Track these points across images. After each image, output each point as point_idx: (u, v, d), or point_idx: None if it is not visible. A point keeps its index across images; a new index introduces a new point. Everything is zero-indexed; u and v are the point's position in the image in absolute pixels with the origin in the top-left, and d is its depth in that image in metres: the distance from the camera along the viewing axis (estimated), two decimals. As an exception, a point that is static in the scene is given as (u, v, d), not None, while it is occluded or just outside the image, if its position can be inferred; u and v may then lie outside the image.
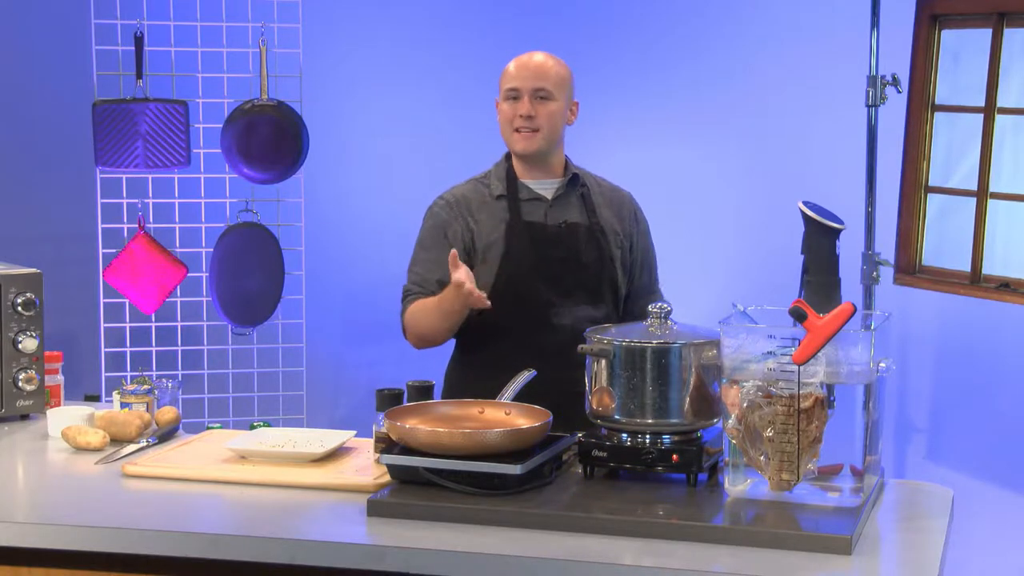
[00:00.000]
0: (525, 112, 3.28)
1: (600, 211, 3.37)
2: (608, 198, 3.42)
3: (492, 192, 3.34)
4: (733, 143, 4.71)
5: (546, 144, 3.30)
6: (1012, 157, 3.93)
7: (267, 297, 4.65)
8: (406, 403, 2.67)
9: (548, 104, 3.29)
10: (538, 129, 3.28)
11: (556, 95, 3.29)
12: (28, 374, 3.17)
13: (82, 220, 4.73)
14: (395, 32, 5.00)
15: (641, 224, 3.48)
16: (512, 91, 3.30)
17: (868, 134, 4.05)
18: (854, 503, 2.38)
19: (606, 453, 2.54)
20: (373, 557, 2.26)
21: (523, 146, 3.30)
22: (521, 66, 3.31)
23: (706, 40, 4.72)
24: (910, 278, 4.11)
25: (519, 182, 3.34)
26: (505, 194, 3.32)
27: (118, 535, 2.35)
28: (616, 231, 3.38)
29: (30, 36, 4.98)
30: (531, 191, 3.34)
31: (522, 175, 3.35)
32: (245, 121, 4.57)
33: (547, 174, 3.36)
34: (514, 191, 3.33)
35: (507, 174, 3.35)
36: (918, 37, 4.06)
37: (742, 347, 2.42)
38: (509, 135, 3.32)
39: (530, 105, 3.27)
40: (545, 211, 3.33)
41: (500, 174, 3.36)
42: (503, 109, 3.32)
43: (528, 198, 3.33)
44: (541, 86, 3.28)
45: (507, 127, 3.32)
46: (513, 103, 3.30)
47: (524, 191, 3.34)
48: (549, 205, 3.34)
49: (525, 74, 3.30)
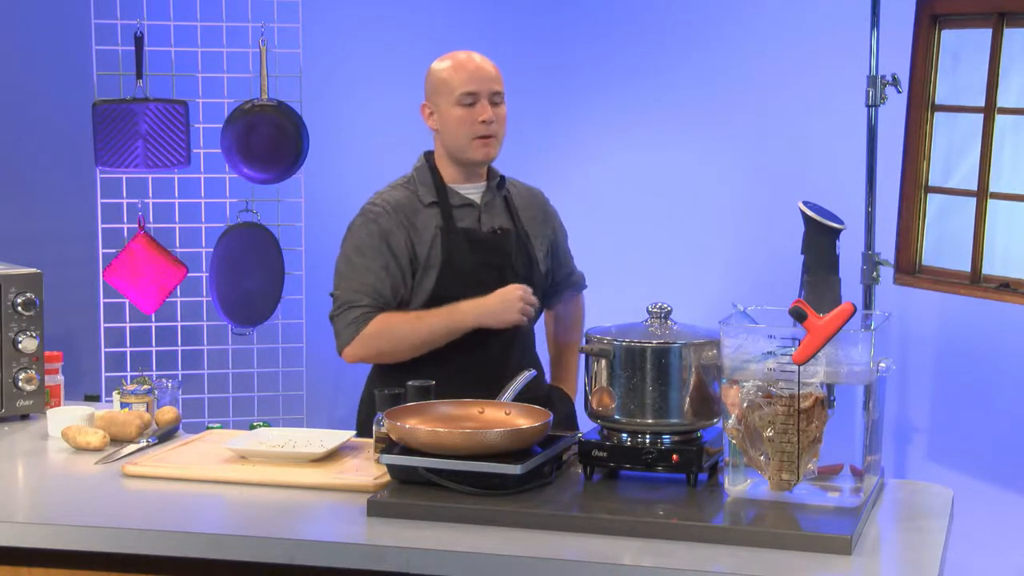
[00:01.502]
0: (488, 117, 3.16)
1: (522, 215, 3.31)
2: (526, 200, 3.36)
3: (422, 199, 3.22)
4: (733, 143, 4.71)
5: (499, 150, 3.23)
6: (1012, 157, 3.93)
7: (267, 297, 4.65)
8: (406, 403, 2.67)
9: (500, 108, 3.21)
10: (494, 135, 3.19)
11: (503, 99, 3.23)
12: (28, 374, 3.17)
13: (82, 220, 4.73)
14: (395, 32, 5.00)
15: (554, 220, 3.42)
16: (470, 95, 3.17)
17: (868, 134, 4.05)
18: (854, 503, 2.38)
19: (606, 453, 2.54)
20: (373, 557, 2.26)
21: (484, 154, 3.19)
22: (475, 69, 3.19)
23: (706, 40, 4.72)
24: (910, 278, 4.11)
25: (448, 187, 3.23)
26: (436, 200, 3.21)
27: (118, 535, 2.35)
28: (536, 234, 3.33)
29: (30, 36, 4.98)
30: (461, 196, 3.24)
31: (450, 180, 3.24)
32: (245, 121, 4.58)
33: (475, 178, 3.27)
34: (444, 197, 3.22)
35: (433, 179, 3.24)
36: (918, 37, 4.06)
37: (742, 347, 2.42)
38: (466, 142, 3.19)
39: (490, 110, 3.17)
40: (478, 216, 3.24)
41: (425, 179, 3.24)
42: (456, 115, 3.18)
43: (459, 204, 3.23)
44: (497, 89, 3.20)
45: (464, 134, 3.18)
46: (469, 109, 3.17)
47: (454, 196, 3.23)
48: (481, 211, 3.26)
49: (482, 76, 3.19)
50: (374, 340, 3.13)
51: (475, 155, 3.20)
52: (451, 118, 3.20)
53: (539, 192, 3.43)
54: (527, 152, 4.80)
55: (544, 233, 3.36)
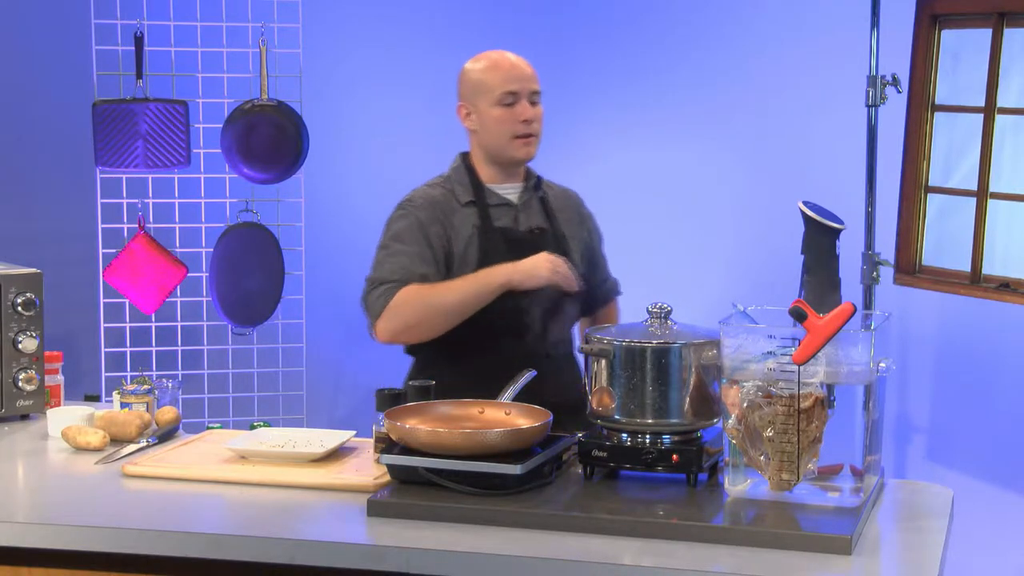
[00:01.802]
0: (528, 116, 3.19)
1: (558, 216, 3.32)
2: (561, 202, 3.36)
3: (459, 198, 3.23)
4: (733, 143, 4.71)
5: (537, 148, 3.25)
6: (1012, 157, 3.93)
7: (267, 297, 4.65)
8: (406, 403, 2.67)
9: (539, 107, 3.23)
10: (535, 134, 3.22)
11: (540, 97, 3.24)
12: (28, 374, 3.17)
13: (82, 220, 4.73)
14: (395, 32, 5.00)
15: (589, 222, 3.43)
16: (510, 95, 3.19)
17: (868, 134, 4.05)
18: (854, 503, 2.38)
19: (606, 453, 2.54)
20: (373, 557, 2.26)
21: (525, 152, 3.22)
22: (512, 68, 3.22)
23: (706, 40, 4.72)
24: (910, 278, 4.11)
25: (485, 187, 3.25)
26: (473, 200, 3.22)
27: (118, 535, 2.35)
28: (573, 235, 3.33)
29: (30, 36, 4.98)
30: (498, 196, 3.25)
31: (488, 180, 3.26)
32: (245, 121, 4.58)
33: (513, 178, 3.28)
34: (482, 197, 3.23)
35: (471, 179, 3.25)
36: (918, 37, 4.06)
37: (742, 347, 2.42)
38: (506, 141, 3.21)
39: (530, 109, 3.20)
40: (515, 216, 3.25)
41: (462, 179, 3.25)
42: (495, 115, 3.20)
43: (496, 203, 3.24)
44: (536, 88, 3.22)
45: (503, 134, 3.20)
46: (509, 108, 3.19)
47: (491, 196, 3.24)
48: (518, 210, 3.27)
49: (521, 76, 3.21)
50: (403, 309, 3.10)
51: (516, 154, 3.22)
52: (490, 118, 3.21)
53: (575, 194, 3.44)
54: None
55: (580, 235, 3.36)
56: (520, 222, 3.25)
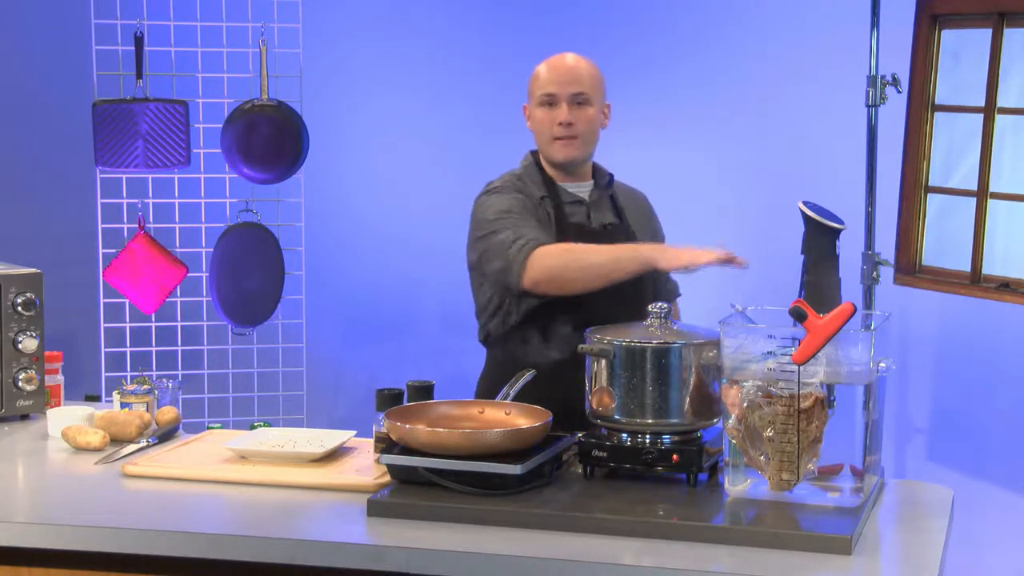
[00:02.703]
0: (564, 119, 3.16)
1: (628, 214, 3.33)
2: (630, 200, 3.37)
3: (532, 194, 3.21)
4: (733, 143, 4.71)
5: (585, 151, 3.22)
6: (1012, 157, 3.93)
7: (267, 297, 4.65)
8: (406, 403, 2.67)
9: (585, 109, 3.19)
10: (577, 136, 3.18)
11: (592, 99, 3.19)
12: (28, 374, 3.17)
13: (82, 220, 4.72)
14: (395, 32, 5.00)
15: (655, 222, 3.44)
16: (548, 96, 3.17)
17: (868, 134, 4.05)
18: (854, 503, 2.38)
19: (606, 453, 2.54)
20: (373, 557, 2.26)
21: (564, 155, 3.19)
22: (555, 69, 3.19)
23: (706, 40, 4.72)
24: (910, 278, 4.11)
25: (558, 185, 3.24)
26: (547, 195, 3.22)
27: (118, 535, 2.35)
28: (642, 233, 3.33)
29: (30, 36, 4.98)
30: (570, 194, 3.25)
31: (557, 179, 3.25)
32: (245, 121, 4.57)
33: (581, 177, 3.28)
34: (555, 192, 3.23)
35: (542, 176, 3.24)
36: (918, 37, 4.06)
37: (742, 347, 2.42)
38: (547, 143, 3.20)
39: (568, 111, 3.16)
40: (588, 213, 3.25)
41: (534, 177, 3.24)
42: (537, 116, 3.20)
43: (569, 201, 3.24)
44: (579, 91, 3.18)
45: (544, 135, 3.20)
46: (549, 109, 3.18)
47: (564, 194, 3.24)
48: (590, 207, 3.26)
49: (561, 78, 3.18)
50: (548, 260, 2.99)
51: (555, 155, 3.20)
52: (532, 118, 3.24)
53: (642, 194, 3.44)
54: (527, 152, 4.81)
55: (647, 233, 3.35)
56: (592, 219, 3.25)
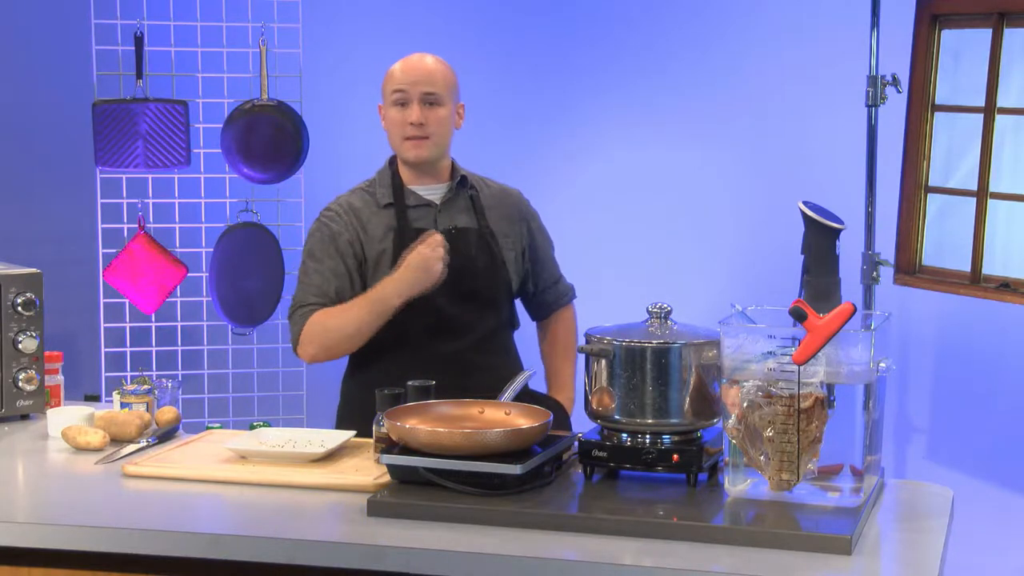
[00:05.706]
0: (415, 119, 3.16)
1: (489, 214, 3.29)
2: (497, 199, 3.33)
3: (379, 201, 3.23)
4: (733, 143, 4.71)
5: (437, 151, 3.21)
6: (1012, 157, 3.93)
7: (267, 297, 4.65)
8: (406, 403, 2.67)
9: (437, 110, 3.19)
10: (428, 136, 3.18)
11: (445, 100, 3.19)
12: (28, 374, 3.17)
13: (82, 220, 4.73)
14: (395, 33, 5.00)
15: (533, 221, 3.39)
16: (400, 95, 3.18)
17: (868, 134, 4.06)
18: (854, 503, 2.38)
19: (606, 453, 2.54)
20: (373, 557, 2.26)
21: (415, 154, 3.19)
22: (408, 69, 3.20)
23: (706, 40, 4.73)
24: (910, 278, 4.11)
25: (406, 188, 3.24)
26: (392, 202, 3.22)
27: (118, 535, 2.35)
28: (506, 233, 3.30)
29: (30, 36, 4.98)
30: (419, 197, 3.24)
31: (409, 181, 3.25)
32: (245, 121, 4.58)
33: (435, 179, 3.26)
34: (401, 198, 3.22)
35: (392, 181, 3.24)
36: (918, 37, 4.06)
37: (742, 347, 2.42)
38: (399, 143, 3.21)
39: (420, 111, 3.17)
40: (434, 217, 3.23)
41: (385, 181, 3.25)
42: (390, 115, 3.20)
43: (416, 204, 3.23)
44: (430, 90, 3.18)
45: (396, 134, 3.20)
46: (401, 109, 3.18)
47: (411, 197, 3.23)
48: (438, 211, 3.24)
49: (413, 78, 3.18)
50: (315, 336, 3.14)
51: (406, 155, 3.22)
52: (386, 118, 3.25)
53: (516, 192, 3.40)
54: (527, 152, 4.82)
55: (516, 232, 3.32)
56: (439, 222, 3.23)
